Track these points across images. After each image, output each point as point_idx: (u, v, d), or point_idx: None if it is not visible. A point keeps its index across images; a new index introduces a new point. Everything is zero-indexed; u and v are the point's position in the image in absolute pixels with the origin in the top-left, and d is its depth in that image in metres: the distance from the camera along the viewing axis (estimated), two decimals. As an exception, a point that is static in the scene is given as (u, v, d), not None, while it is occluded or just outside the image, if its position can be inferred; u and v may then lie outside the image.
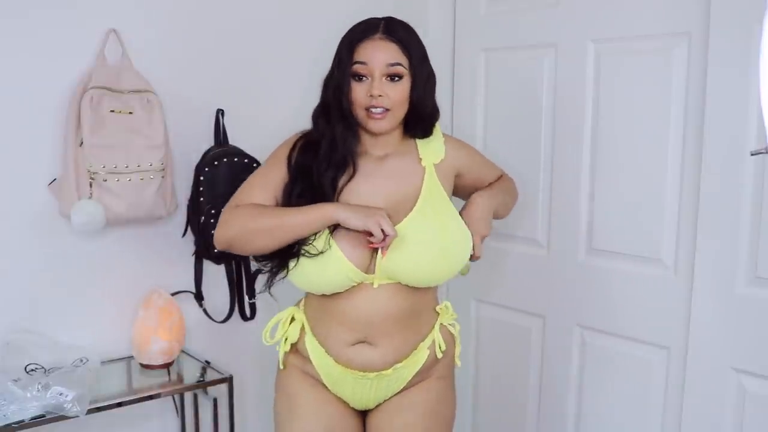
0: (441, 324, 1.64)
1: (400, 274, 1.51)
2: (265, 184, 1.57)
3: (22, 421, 1.51)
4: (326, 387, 1.62)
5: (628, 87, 1.89)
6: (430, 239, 1.51)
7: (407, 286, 1.53)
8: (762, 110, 0.97)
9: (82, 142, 1.67)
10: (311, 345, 1.60)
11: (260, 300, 2.07)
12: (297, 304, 1.67)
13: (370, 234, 1.44)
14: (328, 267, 1.48)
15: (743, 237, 1.68)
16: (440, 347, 1.61)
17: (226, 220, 1.55)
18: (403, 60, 1.51)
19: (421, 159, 1.60)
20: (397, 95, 1.51)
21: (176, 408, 2.01)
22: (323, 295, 1.55)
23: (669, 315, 1.85)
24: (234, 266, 2.02)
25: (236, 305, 2.03)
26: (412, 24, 1.65)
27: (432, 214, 1.54)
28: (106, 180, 1.68)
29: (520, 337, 2.20)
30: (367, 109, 1.51)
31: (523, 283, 2.16)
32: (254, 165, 1.92)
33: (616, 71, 1.91)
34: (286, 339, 1.63)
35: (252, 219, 1.51)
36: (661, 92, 1.81)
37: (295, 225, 1.48)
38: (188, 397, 2.01)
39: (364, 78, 1.51)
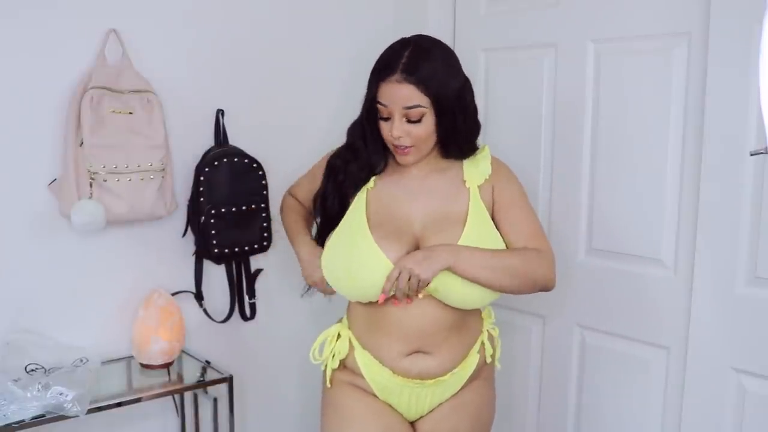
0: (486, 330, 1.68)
1: (445, 299, 1.54)
2: (308, 186, 1.75)
3: (22, 421, 1.51)
4: (378, 398, 1.62)
5: (628, 87, 1.89)
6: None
7: None
8: (762, 110, 0.97)
9: (82, 142, 1.67)
10: (363, 359, 1.61)
11: (260, 300, 2.07)
12: (340, 321, 1.70)
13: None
14: (375, 272, 1.50)
15: (743, 237, 1.68)
16: (488, 351, 1.65)
17: (282, 201, 1.86)
18: (423, 100, 1.48)
19: (465, 180, 1.61)
20: (419, 133, 1.52)
21: (176, 408, 2.01)
22: (371, 307, 1.56)
23: (669, 315, 1.85)
24: (234, 266, 2.02)
25: (236, 305, 2.03)
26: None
27: (481, 238, 1.54)
28: (106, 180, 1.68)
29: (520, 337, 2.20)
30: (394, 145, 1.55)
31: (523, 283, 2.16)
32: (254, 165, 1.92)
33: (616, 71, 1.91)
34: (333, 356, 1.64)
35: (283, 214, 1.83)
36: (661, 92, 1.81)
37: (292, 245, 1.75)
38: (188, 397, 2.01)
39: (387, 117, 1.53)
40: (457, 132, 1.56)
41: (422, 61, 1.49)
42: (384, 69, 1.50)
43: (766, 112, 0.96)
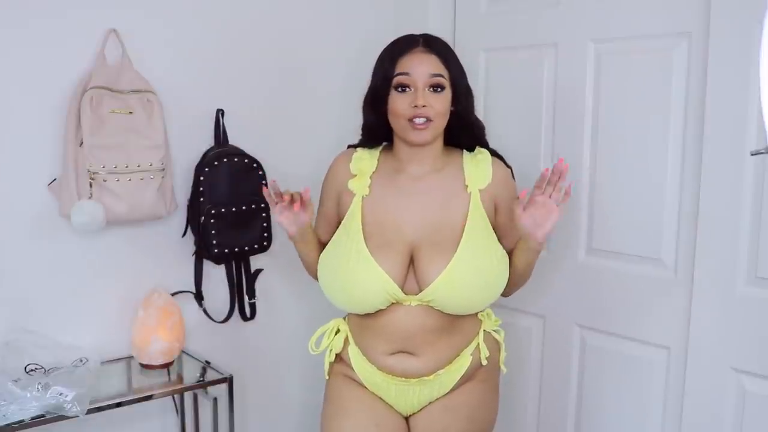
0: (485, 330, 1.66)
1: (441, 306, 1.54)
2: (322, 223, 1.72)
3: (22, 421, 1.51)
4: (369, 390, 1.65)
5: (628, 87, 1.89)
6: (476, 279, 1.54)
7: None
8: (762, 110, 0.97)
9: (82, 142, 1.67)
10: (353, 353, 1.65)
11: (260, 300, 2.07)
12: (344, 318, 1.71)
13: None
14: (368, 283, 1.52)
15: (743, 237, 1.68)
16: (483, 353, 1.63)
17: None
18: (444, 72, 1.55)
19: (467, 185, 1.61)
20: (439, 105, 1.53)
21: (176, 408, 2.01)
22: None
23: (669, 315, 1.85)
24: (234, 266, 2.02)
25: (236, 305, 2.03)
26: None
27: (479, 249, 1.55)
28: (106, 180, 1.68)
29: (520, 337, 2.20)
30: (410, 120, 1.53)
31: (523, 283, 2.16)
32: (254, 165, 1.92)
33: (616, 71, 1.91)
34: (331, 350, 1.68)
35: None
36: (661, 92, 1.81)
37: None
38: (188, 397, 2.01)
39: (407, 89, 1.53)
40: (470, 116, 1.62)
41: (439, 42, 1.59)
42: (404, 45, 1.56)
43: (766, 112, 0.97)
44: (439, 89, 1.53)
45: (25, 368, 1.62)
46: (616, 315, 1.97)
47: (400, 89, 1.54)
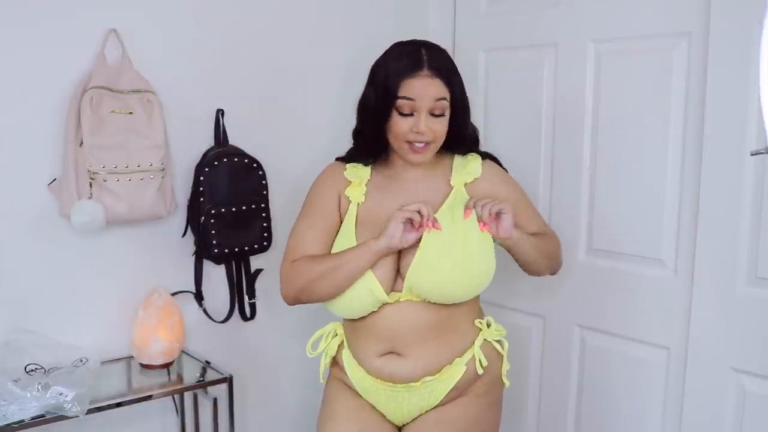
0: (485, 340, 1.61)
1: (423, 290, 1.52)
2: (315, 233, 1.61)
3: (22, 421, 1.51)
4: (362, 396, 1.64)
5: (629, 87, 1.89)
6: (450, 254, 1.49)
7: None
8: (762, 110, 0.97)
9: (82, 142, 1.67)
10: (346, 356, 1.64)
11: (260, 300, 2.07)
12: (342, 322, 1.71)
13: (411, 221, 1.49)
14: (356, 288, 1.51)
15: (743, 237, 1.68)
16: (481, 363, 1.57)
17: (288, 277, 1.62)
18: (447, 94, 1.53)
19: (450, 179, 1.62)
20: (439, 128, 1.53)
21: (176, 408, 2.01)
22: None
23: (669, 315, 1.85)
24: (234, 266, 2.02)
25: (236, 305, 2.03)
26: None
27: (449, 229, 1.51)
28: (106, 180, 1.68)
29: (520, 337, 2.20)
30: (409, 142, 1.53)
31: (523, 283, 2.15)
32: (254, 165, 1.92)
33: (616, 71, 1.91)
34: (326, 354, 1.69)
35: (310, 269, 1.57)
36: (661, 92, 1.81)
37: (349, 263, 1.51)
38: (188, 397, 2.01)
39: (410, 114, 1.51)
40: (465, 129, 1.61)
41: (443, 57, 1.56)
42: (409, 65, 1.50)
43: (766, 112, 0.97)
44: (439, 114, 1.52)
45: (25, 368, 1.62)
46: (616, 315, 1.97)
47: (403, 114, 1.51)
